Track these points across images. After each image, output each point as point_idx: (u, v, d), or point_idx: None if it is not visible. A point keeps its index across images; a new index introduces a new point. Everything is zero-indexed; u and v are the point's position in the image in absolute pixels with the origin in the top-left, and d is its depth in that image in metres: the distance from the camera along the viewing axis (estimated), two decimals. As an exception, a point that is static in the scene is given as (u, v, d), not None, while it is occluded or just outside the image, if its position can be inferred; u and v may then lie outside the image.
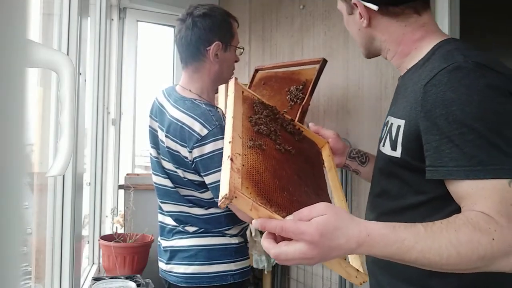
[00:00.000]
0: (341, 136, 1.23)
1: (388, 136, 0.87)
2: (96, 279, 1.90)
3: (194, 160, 1.25)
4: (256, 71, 1.83)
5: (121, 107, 2.85)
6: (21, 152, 0.24)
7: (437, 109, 0.73)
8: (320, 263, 0.68)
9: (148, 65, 3.08)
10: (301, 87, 1.56)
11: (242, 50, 1.44)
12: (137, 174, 2.80)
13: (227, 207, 1.32)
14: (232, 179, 0.67)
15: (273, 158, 0.87)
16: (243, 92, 1.09)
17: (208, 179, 1.26)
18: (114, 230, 2.47)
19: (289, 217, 0.68)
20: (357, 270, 0.73)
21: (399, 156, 0.82)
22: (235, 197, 0.64)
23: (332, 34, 2.10)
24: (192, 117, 1.26)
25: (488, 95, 0.71)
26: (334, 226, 0.64)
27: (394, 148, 0.84)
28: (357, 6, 0.90)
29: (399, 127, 0.82)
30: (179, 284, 1.34)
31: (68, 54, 1.37)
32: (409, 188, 0.84)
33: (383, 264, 0.87)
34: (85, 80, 1.49)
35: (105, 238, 2.29)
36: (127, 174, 2.72)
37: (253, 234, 2.28)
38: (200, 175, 1.28)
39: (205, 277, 1.31)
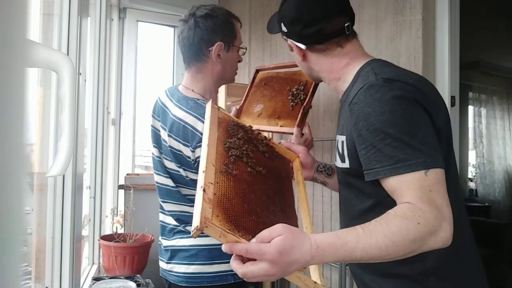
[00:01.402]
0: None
1: (337, 152, 1.01)
2: (96, 279, 1.90)
3: (197, 160, 1.25)
4: (257, 71, 1.81)
5: (121, 107, 2.85)
6: (21, 152, 0.24)
7: (360, 122, 0.87)
8: (282, 277, 0.77)
9: (148, 65, 3.08)
10: (302, 87, 1.56)
11: (244, 50, 1.45)
12: (137, 174, 2.80)
13: None
14: (203, 211, 0.76)
15: (244, 181, 0.96)
16: (218, 115, 1.16)
17: None
18: (114, 230, 2.47)
19: (253, 240, 0.77)
20: (315, 282, 0.81)
21: (348, 166, 0.96)
22: (206, 227, 0.74)
23: (332, 34, 2.10)
24: (195, 116, 1.26)
25: (396, 104, 0.84)
26: (290, 245, 0.73)
27: (343, 160, 0.98)
28: (292, 46, 1.11)
29: (342, 142, 0.97)
30: (180, 284, 1.34)
31: (68, 54, 1.37)
32: (363, 193, 0.96)
33: (363, 264, 0.98)
34: (85, 80, 1.49)
35: (105, 238, 2.29)
36: (127, 174, 2.72)
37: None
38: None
39: (206, 277, 1.31)
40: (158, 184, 1.40)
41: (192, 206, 1.33)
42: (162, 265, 1.42)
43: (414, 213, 0.75)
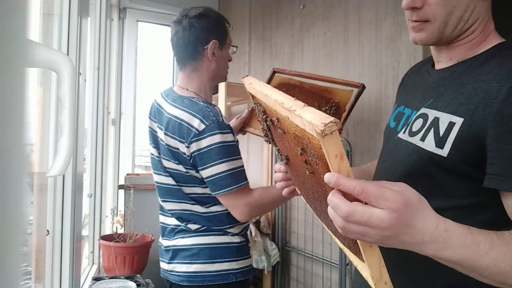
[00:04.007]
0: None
1: (432, 131, 0.78)
2: (96, 279, 1.90)
3: (192, 155, 1.28)
4: (274, 72, 1.65)
5: (121, 107, 2.86)
6: (21, 152, 0.24)
7: None
8: (381, 244, 0.60)
9: (148, 65, 3.08)
10: (333, 110, 1.44)
11: (235, 49, 1.49)
12: (137, 174, 2.80)
13: (226, 209, 1.33)
14: (328, 116, 0.55)
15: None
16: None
17: (205, 173, 1.28)
18: (114, 230, 2.47)
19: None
20: (388, 280, 0.63)
21: (445, 155, 0.75)
22: (334, 131, 0.53)
23: (332, 34, 2.10)
24: (190, 113, 1.29)
25: None
26: (418, 204, 0.58)
27: (440, 145, 0.76)
28: None
29: (452, 124, 0.75)
30: (181, 283, 1.34)
31: (68, 54, 1.37)
32: (441, 191, 0.78)
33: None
34: (85, 80, 1.49)
35: (105, 238, 2.29)
36: (127, 174, 2.72)
37: (253, 234, 2.28)
38: (197, 171, 1.29)
39: (207, 276, 1.32)
40: (158, 184, 1.41)
41: (194, 204, 1.34)
42: (163, 266, 1.42)
43: None
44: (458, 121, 0.74)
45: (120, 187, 2.64)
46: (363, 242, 0.61)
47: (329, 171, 0.57)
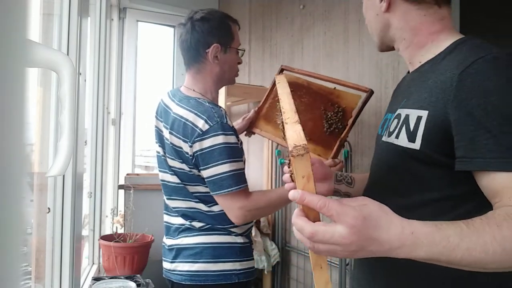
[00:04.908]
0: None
1: (403, 128, 0.83)
2: (96, 279, 1.90)
3: (194, 155, 1.29)
4: (282, 70, 1.61)
5: (121, 107, 2.86)
6: (21, 152, 0.24)
7: (473, 99, 0.70)
8: (353, 257, 0.62)
9: (148, 65, 3.08)
10: (340, 115, 1.42)
11: (243, 52, 1.48)
12: (137, 174, 2.80)
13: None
14: (305, 138, 0.61)
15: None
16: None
17: (206, 173, 1.29)
18: (114, 230, 2.47)
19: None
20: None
21: (417, 148, 0.78)
22: (306, 153, 0.58)
23: (332, 34, 2.10)
24: (195, 113, 1.30)
25: None
26: (377, 215, 0.60)
27: (412, 140, 0.80)
28: None
29: (419, 118, 0.79)
30: (184, 282, 1.34)
31: (68, 54, 1.37)
32: (420, 184, 0.81)
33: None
34: (85, 80, 1.49)
35: (105, 238, 2.29)
36: (127, 174, 2.72)
37: (253, 234, 2.28)
38: (199, 170, 1.30)
39: (210, 275, 1.32)
40: (164, 182, 1.42)
41: (198, 202, 1.35)
42: (166, 265, 1.42)
43: None
44: (424, 114, 0.78)
45: (120, 187, 2.64)
46: (314, 264, 0.64)
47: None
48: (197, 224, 1.35)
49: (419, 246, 0.59)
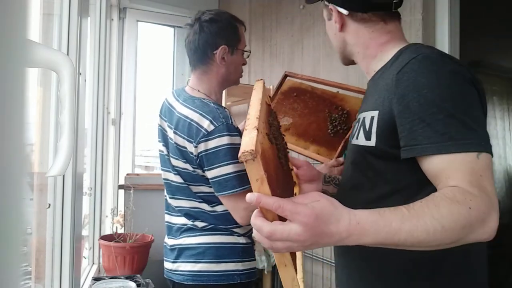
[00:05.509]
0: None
1: (361, 129, 0.92)
2: (96, 279, 1.90)
3: (199, 155, 1.28)
4: (286, 76, 1.61)
5: (121, 107, 2.86)
6: (21, 152, 0.24)
7: (409, 93, 0.79)
8: (309, 249, 0.69)
9: (148, 65, 3.09)
10: (344, 117, 1.43)
11: (249, 53, 1.48)
12: (137, 174, 2.80)
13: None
14: (258, 142, 0.65)
15: (276, 157, 0.89)
16: (266, 97, 1.08)
17: (210, 174, 1.29)
18: (114, 230, 2.47)
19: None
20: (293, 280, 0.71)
21: (373, 145, 0.87)
22: (255, 157, 0.61)
23: (332, 34, 2.10)
24: (200, 114, 1.30)
25: (454, 80, 0.79)
26: (328, 212, 0.65)
27: (368, 138, 0.89)
28: (332, 12, 1.03)
29: (372, 118, 0.88)
30: (185, 282, 1.34)
31: (68, 54, 1.37)
32: (382, 177, 0.88)
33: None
34: (85, 80, 1.49)
35: (105, 238, 2.29)
36: (127, 174, 2.72)
37: (253, 234, 2.28)
38: (203, 170, 1.30)
39: (213, 275, 1.32)
40: (167, 181, 1.42)
41: (201, 202, 1.35)
42: (167, 265, 1.42)
43: (465, 196, 0.68)
44: (375, 113, 0.88)
45: (120, 187, 2.65)
46: (278, 263, 0.69)
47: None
48: (200, 224, 1.35)
49: (365, 234, 0.65)
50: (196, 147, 1.28)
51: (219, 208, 1.35)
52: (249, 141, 0.65)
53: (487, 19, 3.42)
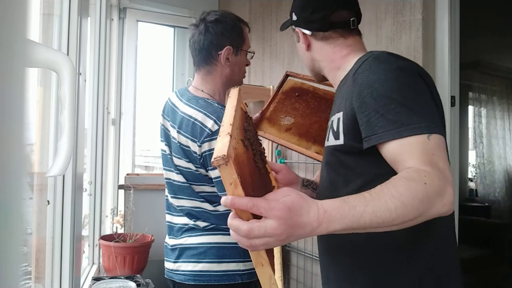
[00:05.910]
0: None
1: (331, 131, 1.01)
2: (96, 279, 1.90)
3: (203, 155, 1.29)
4: (287, 76, 1.59)
5: (121, 107, 2.86)
6: (21, 152, 0.24)
7: (364, 90, 0.88)
8: (285, 243, 0.71)
9: (148, 65, 3.09)
10: None
11: (252, 54, 1.49)
12: (137, 174, 2.80)
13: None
14: (231, 147, 0.69)
15: (251, 161, 0.93)
16: (241, 104, 1.13)
17: (214, 173, 1.29)
18: (114, 230, 2.47)
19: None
20: (271, 279, 0.75)
21: (342, 143, 0.95)
22: (228, 162, 0.65)
23: (332, 34, 2.10)
24: (204, 113, 1.30)
25: (401, 73, 0.88)
26: (299, 205, 0.69)
27: (337, 137, 0.97)
28: (299, 34, 1.14)
29: (339, 119, 0.97)
30: (187, 282, 1.34)
31: (68, 54, 1.37)
32: (354, 172, 0.96)
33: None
34: (85, 80, 1.49)
35: (105, 238, 2.29)
36: (127, 174, 2.72)
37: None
38: (207, 170, 1.30)
39: (214, 275, 1.32)
40: (169, 180, 1.42)
41: (203, 202, 1.35)
42: (168, 265, 1.42)
43: (419, 174, 0.74)
44: (341, 115, 0.97)
45: (120, 187, 2.64)
46: (255, 263, 0.73)
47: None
48: (202, 224, 1.35)
49: (333, 221, 0.69)
50: (200, 146, 1.28)
51: (221, 208, 1.35)
52: (221, 146, 0.68)
53: (487, 19, 3.42)
